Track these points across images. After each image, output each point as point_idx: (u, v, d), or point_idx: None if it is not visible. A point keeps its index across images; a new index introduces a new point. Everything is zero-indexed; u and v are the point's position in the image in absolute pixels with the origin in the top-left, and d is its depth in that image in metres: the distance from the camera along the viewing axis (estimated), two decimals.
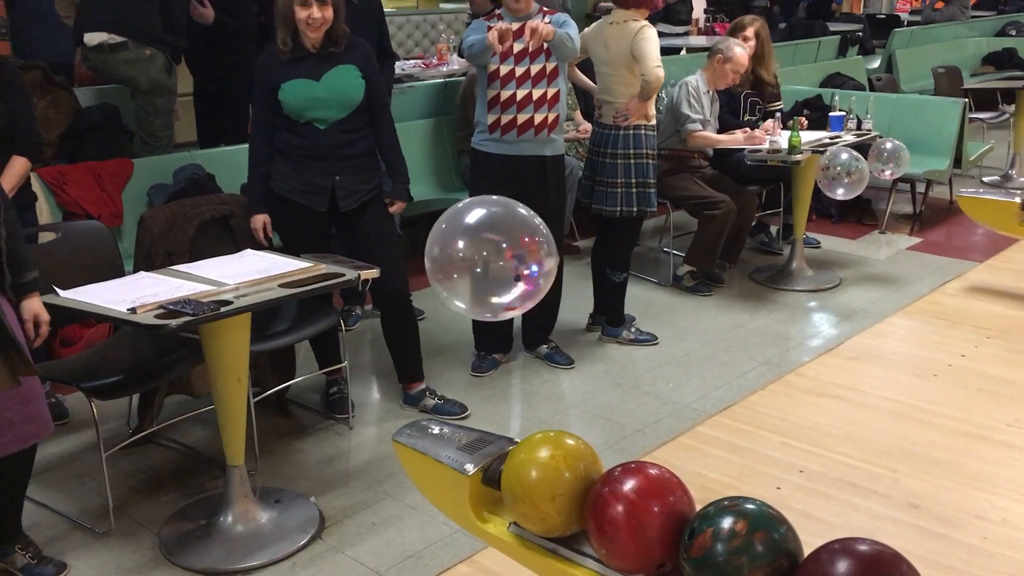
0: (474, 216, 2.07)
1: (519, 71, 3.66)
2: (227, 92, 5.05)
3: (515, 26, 3.64)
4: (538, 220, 2.10)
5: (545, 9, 3.73)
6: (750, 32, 5.04)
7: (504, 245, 2.02)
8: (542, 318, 4.11)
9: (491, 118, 3.70)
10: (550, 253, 2.07)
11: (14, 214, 2.56)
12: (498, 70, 3.66)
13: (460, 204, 2.12)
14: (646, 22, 3.94)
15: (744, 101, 5.13)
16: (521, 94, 3.66)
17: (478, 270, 2.01)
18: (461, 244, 2.04)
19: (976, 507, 2.95)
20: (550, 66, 3.68)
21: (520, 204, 2.14)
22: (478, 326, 4.04)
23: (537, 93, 3.65)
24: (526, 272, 2.03)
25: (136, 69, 4.36)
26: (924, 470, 3.16)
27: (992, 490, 3.04)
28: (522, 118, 3.66)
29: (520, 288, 2.04)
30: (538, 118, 3.67)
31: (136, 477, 3.21)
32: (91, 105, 4.72)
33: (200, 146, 5.08)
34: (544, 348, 4.11)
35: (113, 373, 3.05)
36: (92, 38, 4.31)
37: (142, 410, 3.33)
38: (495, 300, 2.05)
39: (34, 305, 2.57)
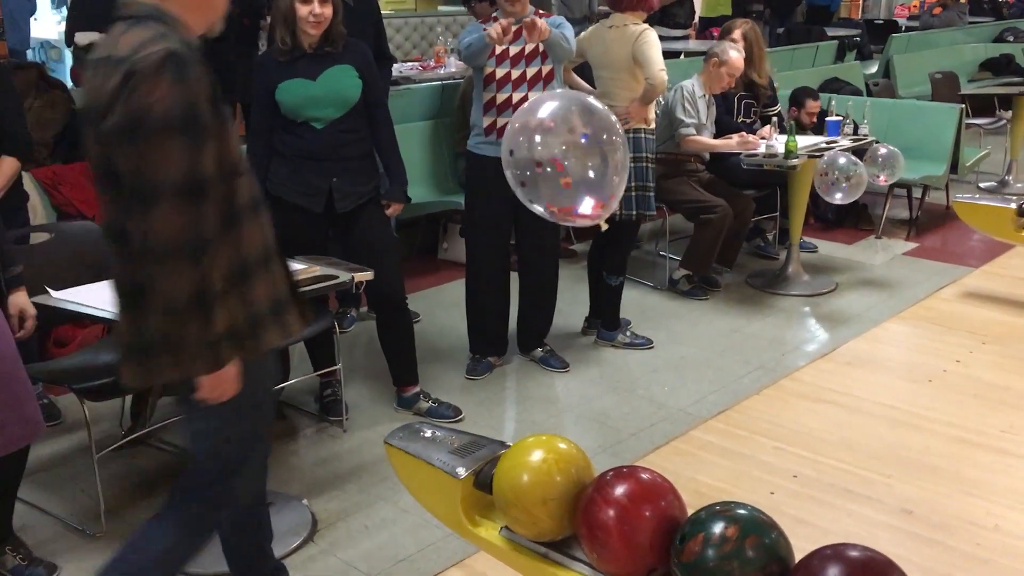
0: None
1: (515, 74, 3.65)
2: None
3: (512, 29, 3.65)
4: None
5: (541, 12, 3.73)
6: (737, 35, 5.04)
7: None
8: (537, 321, 4.11)
9: (487, 121, 3.70)
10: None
11: None
12: (494, 73, 3.66)
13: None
14: (646, 25, 3.94)
15: (738, 103, 5.13)
16: (517, 97, 3.65)
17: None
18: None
19: (970, 513, 2.94)
20: (546, 69, 3.68)
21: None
22: (473, 329, 4.03)
23: (533, 96, 3.65)
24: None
25: None
26: (918, 476, 3.16)
27: (986, 496, 3.04)
28: (503, 121, 3.67)
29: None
30: None
31: (128, 479, 3.20)
32: None
33: None
34: (539, 351, 4.11)
35: (106, 374, 3.02)
36: (83, 38, 4.31)
37: (135, 412, 3.32)
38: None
39: (20, 299, 2.57)
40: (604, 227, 2.53)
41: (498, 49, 3.64)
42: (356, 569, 2.71)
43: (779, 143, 4.79)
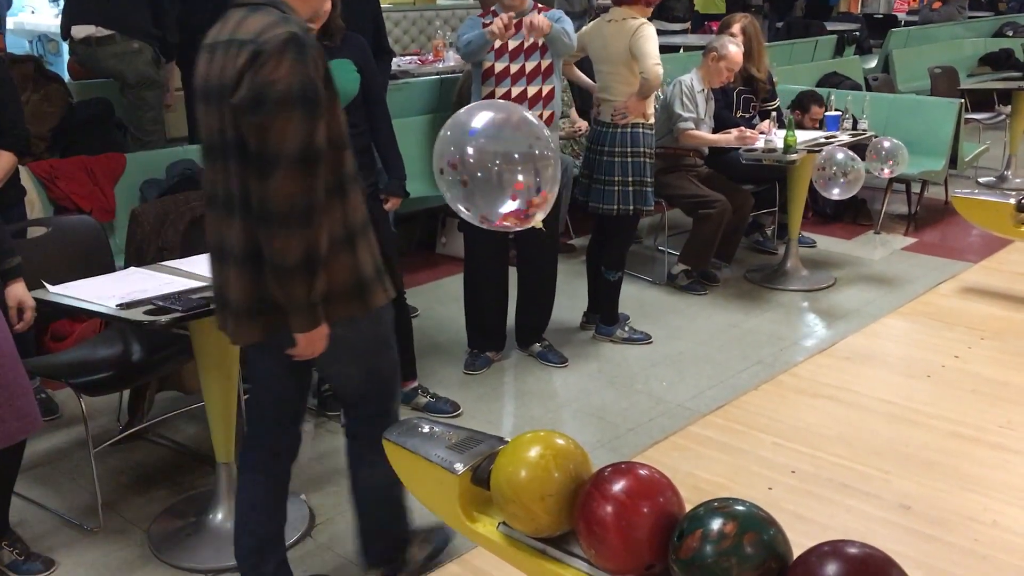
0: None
1: (514, 68, 3.64)
2: None
3: (512, 23, 3.63)
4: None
5: (540, 6, 3.72)
6: (736, 29, 5.03)
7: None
8: (536, 316, 4.10)
9: None
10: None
11: None
12: (492, 67, 3.65)
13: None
14: (645, 20, 3.93)
15: (737, 97, 5.12)
16: (516, 91, 3.65)
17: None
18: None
19: (968, 509, 2.94)
20: (545, 63, 3.66)
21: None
22: (472, 324, 4.03)
23: (532, 90, 3.64)
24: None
25: (124, 63, 4.35)
26: (916, 471, 3.16)
27: (984, 492, 3.03)
28: None
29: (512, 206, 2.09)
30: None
31: (125, 474, 3.19)
32: (85, 100, 4.70)
33: (190, 141, 5.06)
34: (537, 346, 4.10)
35: (103, 369, 3.03)
36: (79, 31, 4.29)
37: (132, 406, 3.32)
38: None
39: (18, 291, 2.57)
40: (539, 226, 2.45)
41: (497, 43, 3.63)
42: (354, 564, 2.71)
43: (778, 138, 4.78)
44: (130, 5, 4.35)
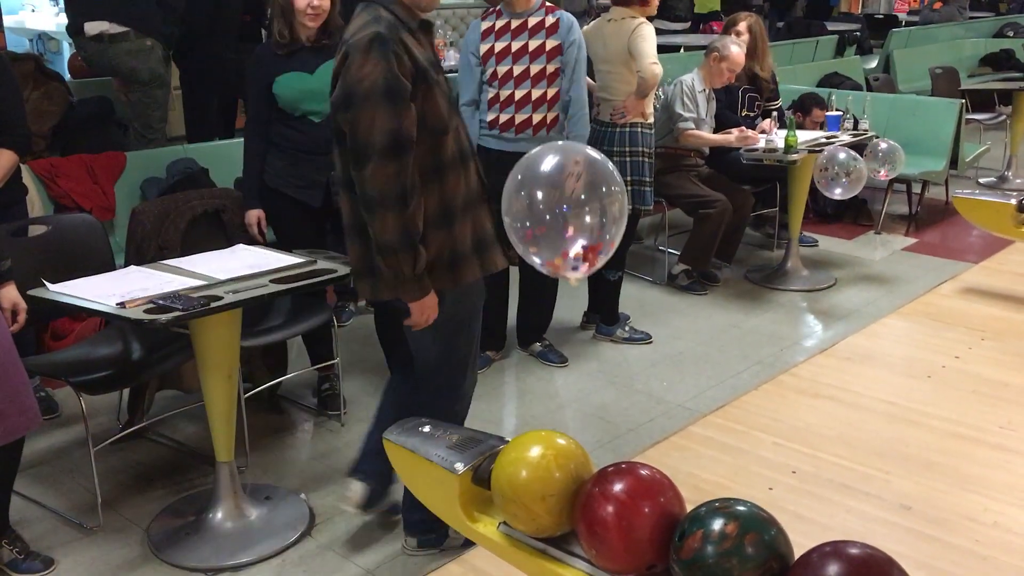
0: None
1: (517, 70, 3.63)
2: (209, 85, 5.04)
3: (515, 23, 3.62)
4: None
5: (548, 5, 3.70)
6: (742, 27, 5.04)
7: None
8: (536, 316, 4.10)
9: (491, 116, 3.68)
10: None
11: None
12: (496, 71, 3.64)
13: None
14: (644, 19, 3.93)
15: (742, 96, 5.12)
16: (520, 94, 3.64)
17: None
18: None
19: (968, 509, 2.94)
20: (551, 67, 3.64)
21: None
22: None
23: (536, 93, 3.63)
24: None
25: (138, 60, 4.33)
26: (917, 472, 3.15)
27: (984, 492, 3.03)
28: (520, 117, 3.65)
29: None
30: (536, 118, 3.65)
31: (125, 473, 3.19)
32: (85, 98, 4.70)
33: (189, 140, 5.06)
34: (538, 346, 4.10)
35: (103, 368, 3.03)
36: (92, 27, 4.26)
37: (132, 405, 3.32)
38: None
39: (11, 294, 2.57)
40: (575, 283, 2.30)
41: (498, 47, 3.62)
42: (354, 564, 2.71)
43: (779, 138, 4.78)
44: (144, 2, 4.34)
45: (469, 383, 2.64)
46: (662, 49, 4.01)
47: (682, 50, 7.94)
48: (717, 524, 1.58)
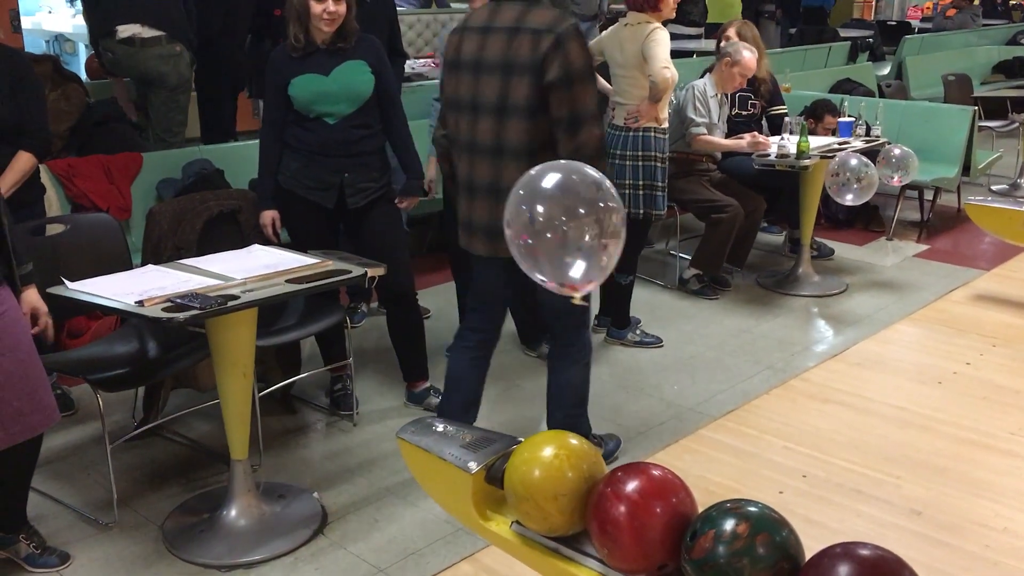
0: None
1: None
2: (224, 86, 5.08)
3: None
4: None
5: None
6: (731, 32, 5.06)
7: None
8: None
9: None
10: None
11: (5, 205, 2.56)
12: None
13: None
14: (659, 24, 3.94)
15: (731, 96, 5.11)
16: None
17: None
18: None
19: (979, 515, 2.94)
20: None
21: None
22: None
23: None
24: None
25: (168, 65, 4.36)
26: (927, 477, 3.16)
27: (995, 498, 3.04)
28: None
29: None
30: None
31: (140, 470, 3.22)
32: (101, 99, 4.73)
33: (205, 141, 5.10)
34: (547, 348, 4.11)
35: (119, 365, 3.06)
36: (125, 30, 4.29)
37: (147, 403, 3.35)
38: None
39: (31, 297, 2.58)
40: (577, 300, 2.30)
41: None
42: (366, 562, 2.73)
43: (791, 143, 4.78)
44: (174, 7, 4.37)
45: (590, 316, 3.14)
46: (675, 54, 4.01)
47: (695, 55, 7.96)
48: (729, 524, 1.59)
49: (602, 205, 1.98)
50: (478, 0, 3.64)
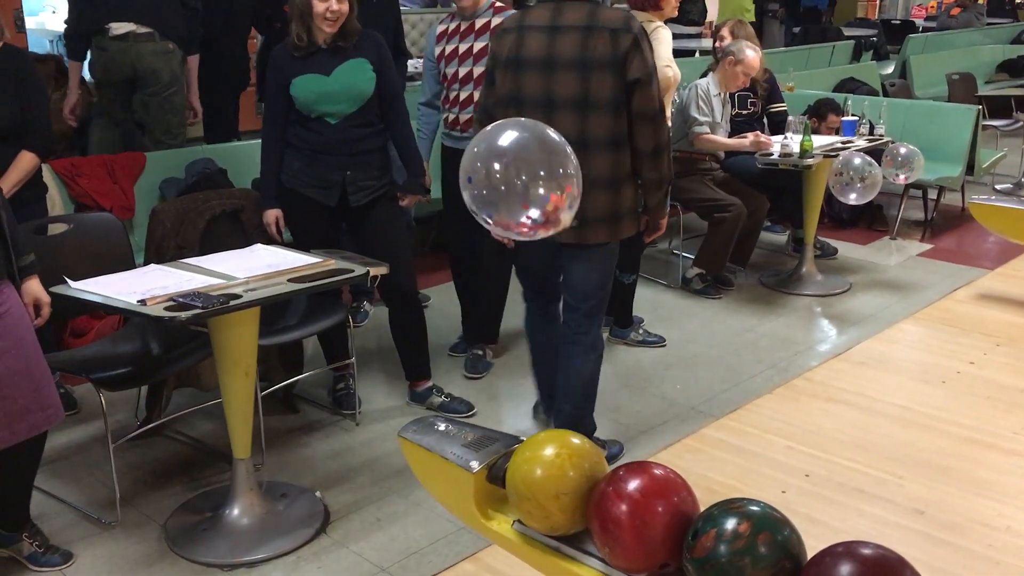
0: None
1: (462, 72, 3.73)
2: (226, 84, 5.07)
3: (463, 26, 3.74)
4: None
5: (498, 5, 3.77)
6: (725, 31, 5.08)
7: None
8: None
9: (448, 115, 3.81)
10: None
11: (4, 198, 2.56)
12: (447, 73, 3.77)
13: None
14: (661, 23, 3.94)
15: (734, 97, 5.11)
16: (464, 95, 3.74)
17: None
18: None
19: (982, 515, 2.94)
20: None
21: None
22: (467, 316, 4.07)
23: (479, 94, 3.65)
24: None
25: (162, 61, 4.36)
26: (930, 477, 3.15)
27: (998, 498, 3.03)
28: (465, 116, 3.75)
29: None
30: None
31: (143, 469, 3.22)
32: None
33: (207, 140, 5.10)
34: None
35: (122, 364, 3.07)
36: (119, 27, 4.30)
37: (150, 402, 3.35)
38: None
39: (33, 288, 2.59)
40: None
41: (448, 49, 3.74)
42: (368, 561, 2.73)
43: (794, 142, 4.77)
44: (168, 7, 4.38)
45: (604, 307, 3.21)
46: (677, 53, 4.01)
47: (697, 54, 7.95)
48: (730, 523, 1.59)
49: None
50: (464, 0, 3.68)
